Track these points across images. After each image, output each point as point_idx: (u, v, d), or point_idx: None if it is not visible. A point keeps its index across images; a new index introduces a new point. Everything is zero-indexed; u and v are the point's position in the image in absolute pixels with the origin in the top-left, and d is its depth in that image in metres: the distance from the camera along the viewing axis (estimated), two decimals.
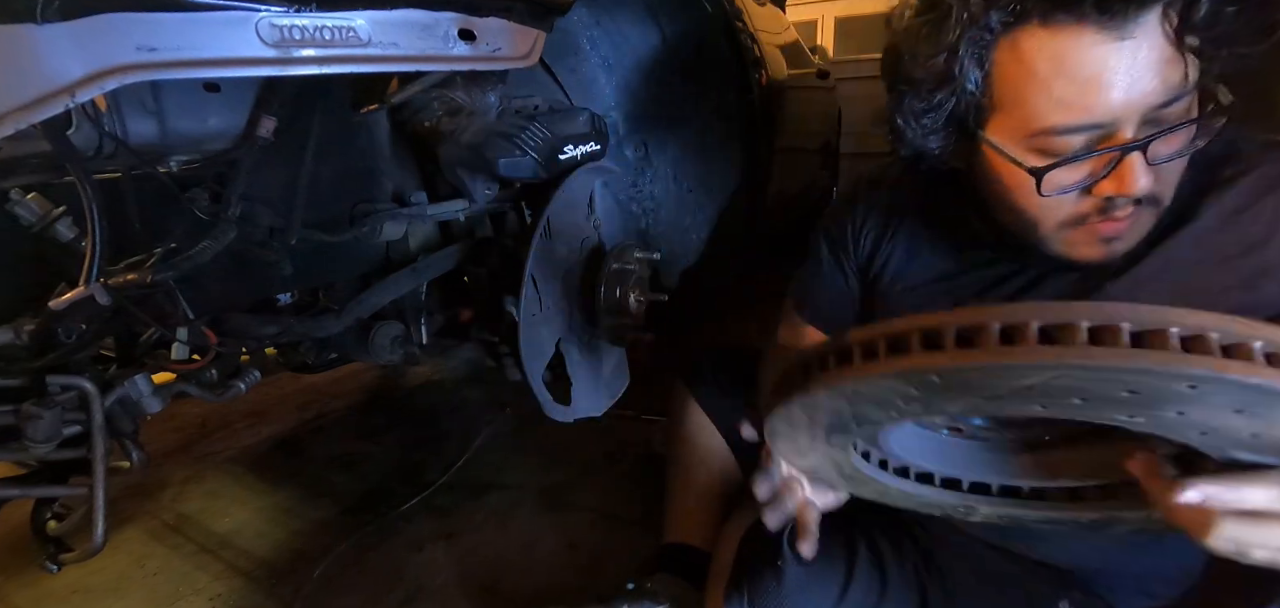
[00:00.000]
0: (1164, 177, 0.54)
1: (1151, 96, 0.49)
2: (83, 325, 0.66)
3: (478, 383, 1.96)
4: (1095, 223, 0.55)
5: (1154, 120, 0.51)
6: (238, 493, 1.45)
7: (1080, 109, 0.51)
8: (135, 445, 0.75)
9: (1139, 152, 0.51)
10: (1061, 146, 0.53)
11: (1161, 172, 0.53)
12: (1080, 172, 0.54)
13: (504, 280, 1.06)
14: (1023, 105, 0.53)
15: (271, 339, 0.99)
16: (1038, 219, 0.58)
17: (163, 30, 0.52)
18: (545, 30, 0.83)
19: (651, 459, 1.43)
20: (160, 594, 1.14)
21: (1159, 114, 0.51)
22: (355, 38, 0.63)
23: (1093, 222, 0.56)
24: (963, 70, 0.54)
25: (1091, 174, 0.53)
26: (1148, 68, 0.49)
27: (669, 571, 0.99)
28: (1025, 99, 0.53)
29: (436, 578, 1.14)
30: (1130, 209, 0.54)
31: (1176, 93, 0.50)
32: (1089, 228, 0.56)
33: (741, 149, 1.60)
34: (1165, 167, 0.53)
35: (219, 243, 0.74)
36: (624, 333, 1.08)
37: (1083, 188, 0.54)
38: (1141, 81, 0.49)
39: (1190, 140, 0.53)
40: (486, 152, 0.91)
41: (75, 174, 0.58)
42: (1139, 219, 0.56)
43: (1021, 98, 0.53)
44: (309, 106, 0.84)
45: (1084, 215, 0.56)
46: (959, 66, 0.54)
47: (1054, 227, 0.58)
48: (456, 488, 1.41)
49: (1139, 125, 0.51)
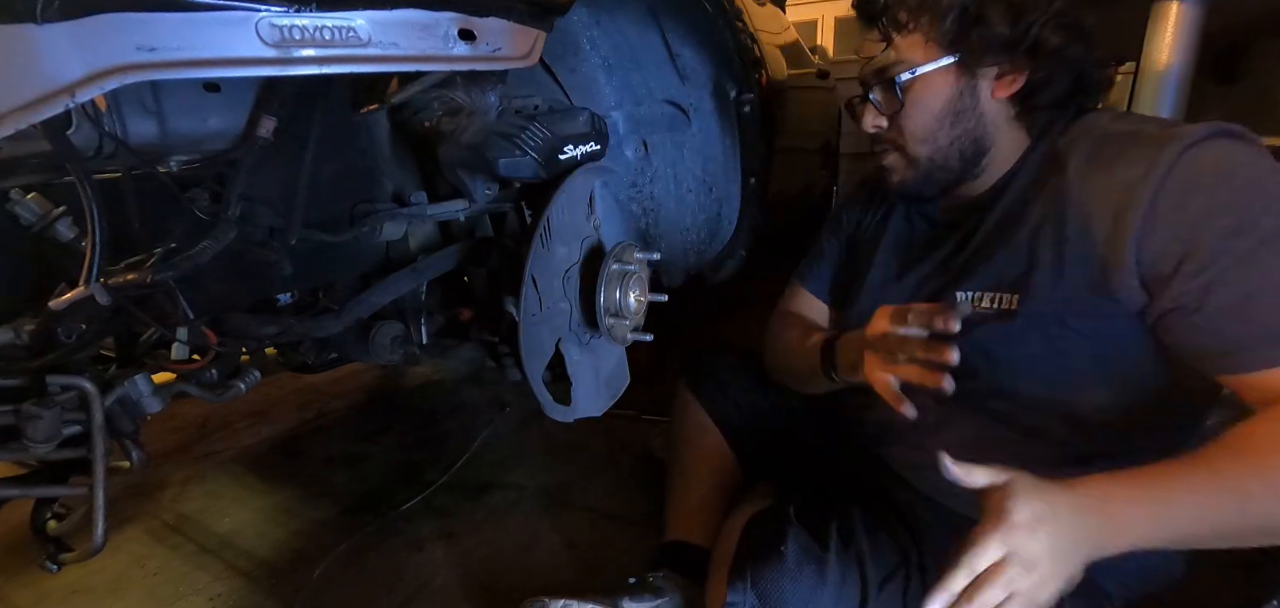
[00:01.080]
0: (898, 128, 0.78)
1: (875, 61, 0.77)
2: (83, 325, 0.66)
3: (478, 383, 1.96)
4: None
5: (882, 79, 0.76)
6: (238, 493, 1.45)
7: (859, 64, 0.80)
8: (135, 445, 0.75)
9: (865, 98, 0.79)
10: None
11: (897, 123, 0.78)
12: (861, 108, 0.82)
13: (504, 280, 1.06)
14: None
15: (271, 339, 0.98)
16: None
17: (163, 30, 0.52)
18: (545, 30, 0.83)
19: (651, 459, 1.43)
20: (160, 594, 1.14)
21: (884, 75, 0.75)
22: (355, 38, 0.63)
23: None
24: None
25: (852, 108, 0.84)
26: (871, 44, 0.77)
27: (670, 567, 0.99)
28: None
29: (436, 578, 1.14)
30: (879, 147, 0.81)
31: (892, 64, 0.74)
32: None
33: (742, 149, 1.60)
34: (901, 120, 0.77)
35: (219, 243, 0.74)
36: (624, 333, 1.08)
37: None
38: (867, 51, 0.78)
39: (924, 110, 0.75)
40: (486, 151, 0.90)
41: (75, 174, 0.58)
42: (889, 158, 0.81)
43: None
44: (309, 106, 0.84)
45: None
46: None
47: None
48: (456, 488, 1.41)
49: (872, 80, 0.78)
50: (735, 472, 1.07)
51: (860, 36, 0.79)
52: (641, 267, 1.10)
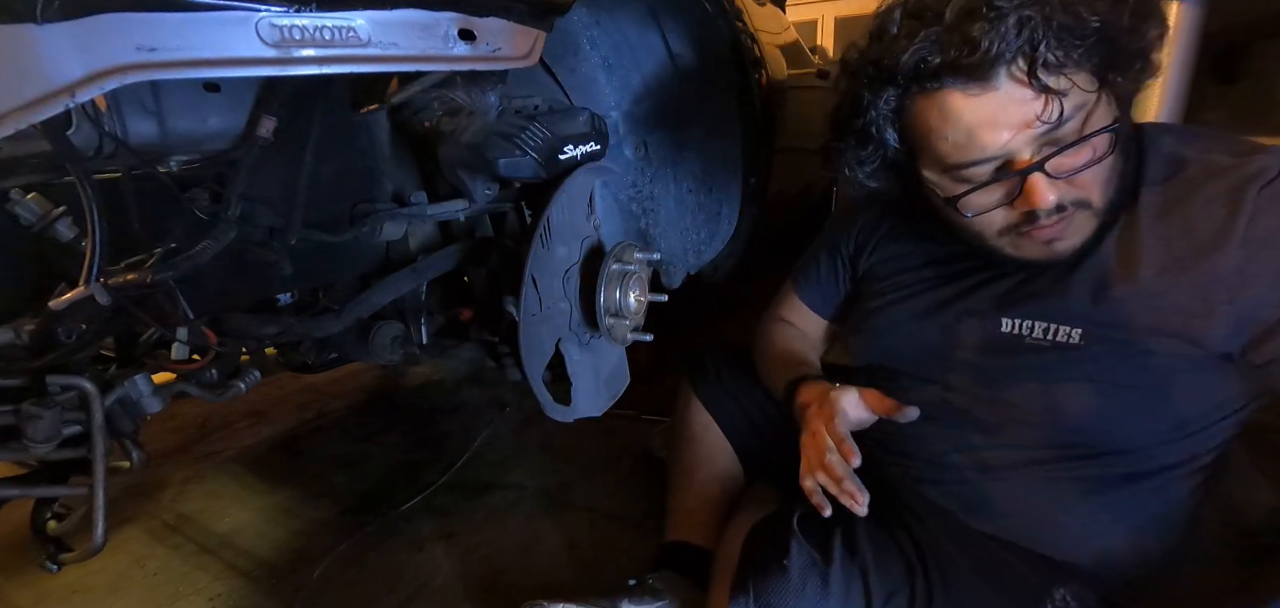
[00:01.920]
0: (1084, 183, 0.62)
1: (1033, 126, 0.59)
2: (83, 325, 0.66)
3: (478, 383, 1.96)
4: (1033, 230, 0.64)
5: (1052, 141, 0.60)
6: (238, 493, 1.45)
7: (973, 148, 0.62)
8: (135, 445, 0.75)
9: (1038, 172, 0.60)
10: (974, 176, 0.64)
11: (1080, 180, 0.62)
12: (995, 193, 0.64)
13: (504, 280, 1.06)
14: (931, 151, 0.66)
15: (271, 339, 0.98)
16: (979, 232, 0.69)
17: (163, 30, 0.52)
18: (545, 30, 0.83)
19: (651, 459, 1.43)
20: (160, 594, 1.14)
21: (1053, 135, 0.60)
22: (355, 38, 0.63)
23: (1030, 229, 0.65)
24: (880, 132, 0.68)
25: (1007, 194, 0.64)
26: (1016, 106, 0.59)
27: (671, 568, 0.99)
28: (931, 146, 0.65)
29: (436, 578, 1.14)
30: (1057, 216, 0.63)
31: (1063, 116, 0.58)
32: (1030, 234, 0.65)
33: (742, 149, 1.60)
34: (1085, 174, 0.61)
35: (219, 243, 0.74)
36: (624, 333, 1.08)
37: (1004, 205, 0.64)
38: (1014, 118, 0.59)
39: (1102, 151, 0.61)
40: (486, 152, 0.90)
41: (75, 174, 0.58)
42: (1072, 220, 0.64)
43: (929, 146, 0.66)
44: (309, 106, 0.84)
45: (1018, 225, 0.65)
46: (876, 129, 0.68)
47: (995, 236, 0.68)
48: (456, 488, 1.41)
49: (1037, 148, 0.60)
50: (737, 472, 1.07)
51: (962, 118, 0.61)
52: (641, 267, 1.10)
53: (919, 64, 0.60)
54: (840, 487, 0.69)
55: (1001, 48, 0.56)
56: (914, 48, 0.60)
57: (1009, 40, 0.56)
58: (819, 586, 0.70)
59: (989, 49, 0.56)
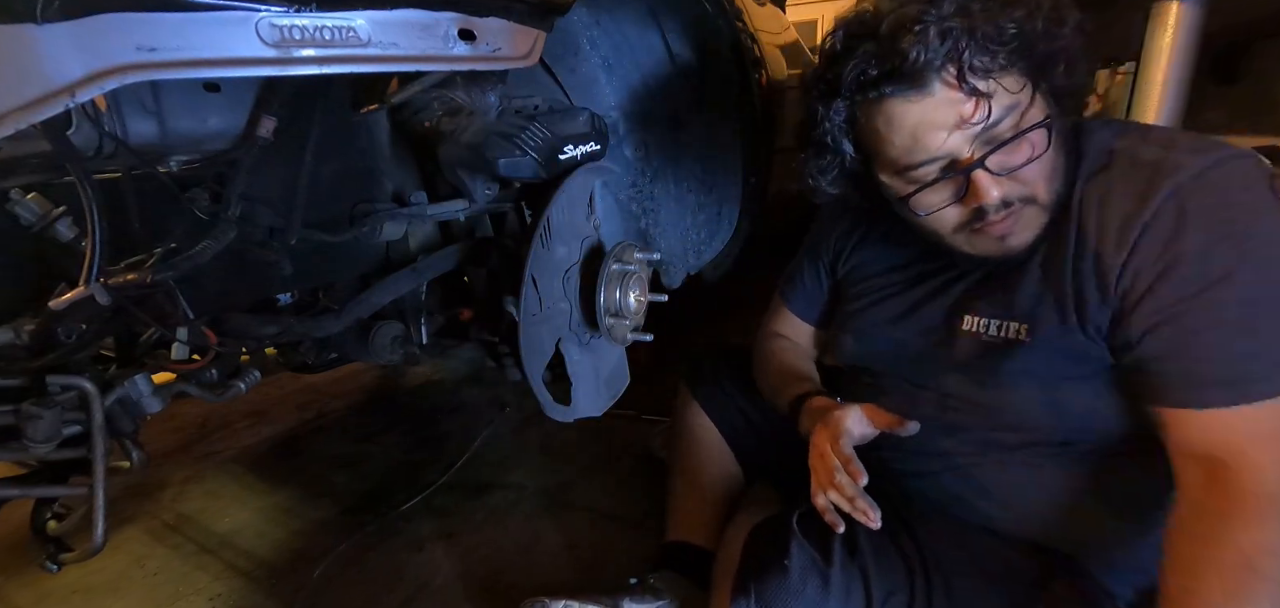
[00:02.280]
0: (1027, 178, 0.65)
1: (966, 126, 0.63)
2: (83, 325, 0.66)
3: (478, 383, 1.96)
4: (984, 226, 0.68)
5: (990, 139, 0.64)
6: (238, 493, 1.45)
7: (918, 149, 0.66)
8: (135, 445, 0.75)
9: (980, 168, 0.64)
10: (922, 175, 0.68)
11: (1023, 175, 0.65)
12: (945, 192, 0.68)
13: (504, 280, 1.06)
14: (882, 155, 0.70)
15: (271, 339, 0.98)
16: (935, 230, 0.72)
17: (163, 30, 0.52)
18: (545, 30, 0.83)
19: (651, 459, 1.43)
20: (160, 594, 1.14)
21: (990, 134, 0.64)
22: (355, 38, 0.63)
23: (982, 226, 0.68)
24: (836, 142, 0.73)
25: (955, 192, 0.67)
26: (949, 107, 0.63)
27: (671, 568, 0.99)
28: (882, 151, 0.70)
29: (436, 578, 1.14)
30: (1005, 212, 0.66)
31: (992, 116, 0.62)
32: (982, 231, 0.68)
33: (742, 149, 1.60)
34: (1027, 170, 0.65)
35: (219, 243, 0.74)
36: (624, 333, 1.08)
37: (954, 203, 0.68)
38: (949, 118, 0.63)
39: (1040, 147, 0.64)
40: (486, 152, 0.90)
41: (75, 174, 0.58)
42: (1021, 216, 0.67)
43: (880, 151, 0.70)
44: (309, 106, 0.84)
45: (970, 222, 0.68)
46: (831, 140, 0.72)
47: (951, 234, 0.71)
48: (456, 488, 1.41)
49: (977, 146, 0.64)
50: (736, 473, 1.07)
51: (904, 123, 0.65)
52: (641, 267, 1.10)
53: (860, 76, 0.66)
54: (853, 506, 0.72)
55: (930, 57, 0.61)
56: (854, 63, 0.66)
57: (935, 49, 0.61)
58: (819, 586, 0.70)
59: (917, 59, 0.61)
